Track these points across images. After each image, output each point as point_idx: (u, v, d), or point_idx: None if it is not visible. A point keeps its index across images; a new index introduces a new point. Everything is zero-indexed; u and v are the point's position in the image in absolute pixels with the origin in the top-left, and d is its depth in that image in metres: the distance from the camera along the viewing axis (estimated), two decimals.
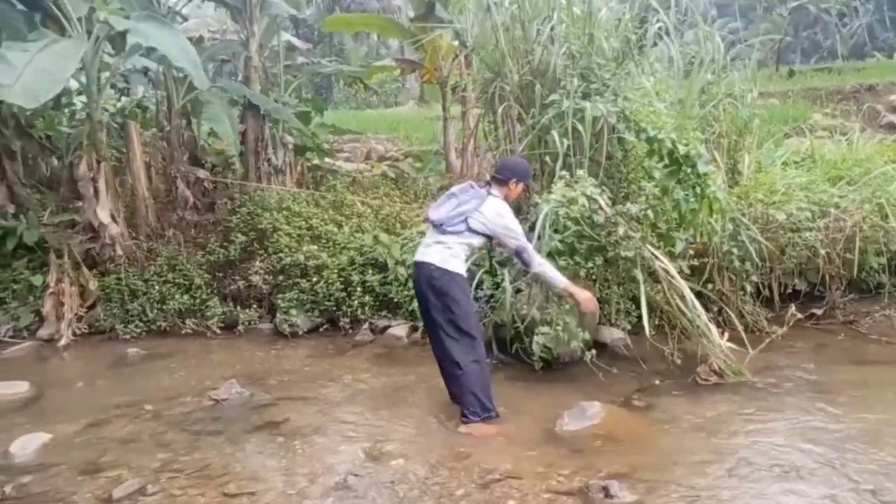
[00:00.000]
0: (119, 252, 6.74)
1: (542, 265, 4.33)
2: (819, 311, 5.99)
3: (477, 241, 4.33)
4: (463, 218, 4.24)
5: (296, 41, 9.50)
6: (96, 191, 6.73)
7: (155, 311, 6.48)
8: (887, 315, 5.91)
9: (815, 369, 4.99)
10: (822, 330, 5.81)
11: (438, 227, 4.28)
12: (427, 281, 4.22)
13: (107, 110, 8.28)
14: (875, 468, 3.53)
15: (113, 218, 6.79)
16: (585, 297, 4.41)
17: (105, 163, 6.80)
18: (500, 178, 4.41)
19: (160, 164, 7.60)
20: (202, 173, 7.42)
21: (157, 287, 6.54)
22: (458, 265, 4.24)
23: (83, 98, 6.96)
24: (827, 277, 6.01)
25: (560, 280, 4.37)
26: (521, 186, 4.50)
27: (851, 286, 6.16)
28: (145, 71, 8.13)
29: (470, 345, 4.21)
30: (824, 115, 11.87)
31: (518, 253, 4.30)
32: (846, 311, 6.02)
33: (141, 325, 6.46)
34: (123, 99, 9.18)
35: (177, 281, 6.63)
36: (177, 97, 7.35)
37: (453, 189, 4.41)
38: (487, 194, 4.33)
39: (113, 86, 8.91)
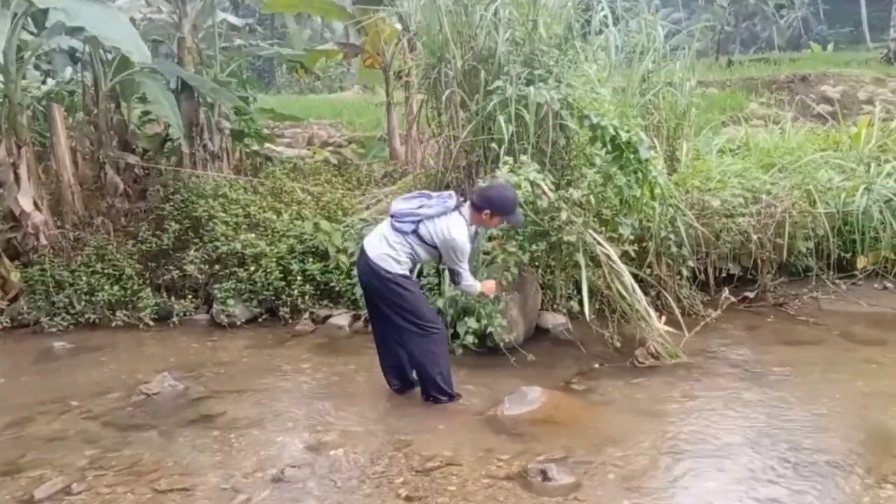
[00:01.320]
0: (43, 241, 6.42)
1: (469, 283, 4.31)
2: (751, 295, 6.18)
3: (423, 251, 4.18)
4: (415, 220, 4.13)
5: (233, 19, 9.20)
6: (17, 177, 6.39)
7: (83, 303, 6.21)
8: (814, 297, 6.15)
9: (747, 350, 5.15)
10: (753, 312, 5.99)
11: (392, 216, 4.19)
12: (370, 269, 4.15)
13: (30, 93, 7.87)
14: (801, 443, 3.67)
15: (36, 206, 6.47)
16: (488, 286, 4.49)
17: (27, 147, 6.46)
18: (475, 202, 4.18)
19: (88, 149, 7.28)
20: (133, 159, 7.13)
21: (84, 278, 6.26)
22: (397, 269, 4.14)
23: (1, 80, 6.57)
24: (759, 262, 6.20)
25: (475, 288, 4.38)
26: (496, 220, 4.24)
27: (781, 270, 6.37)
28: (72, 52, 7.76)
29: (424, 332, 4.17)
30: (760, 104, 12.22)
31: (452, 272, 4.30)
32: (776, 294, 6.22)
33: (68, 317, 6.18)
34: (49, 81, 8.74)
35: (106, 271, 6.36)
36: (105, 79, 7.03)
37: (433, 193, 4.31)
38: (454, 209, 4.16)
39: (36, 67, 8.50)
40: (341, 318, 5.99)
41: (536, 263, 5.49)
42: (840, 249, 6.37)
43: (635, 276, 5.20)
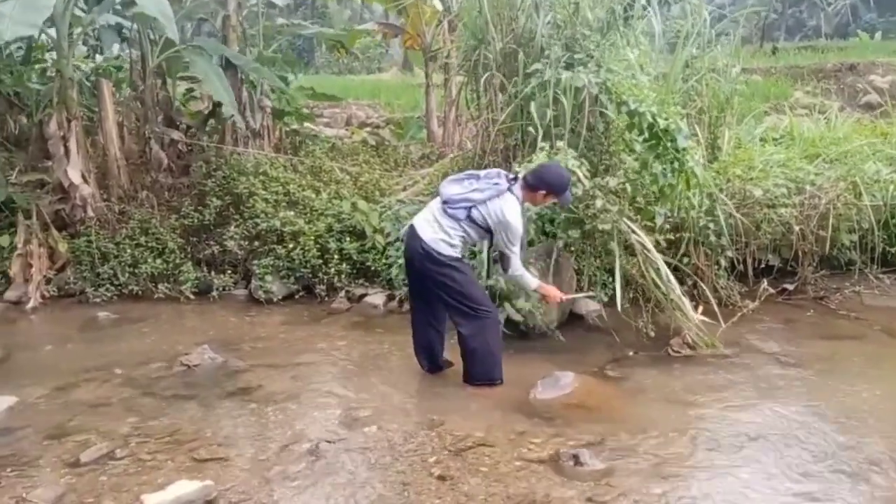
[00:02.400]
0: (90, 214, 6.59)
1: (518, 272, 4.23)
2: (791, 287, 6.07)
3: (475, 232, 4.19)
4: (468, 206, 4.12)
5: None
6: (67, 150, 6.56)
7: (126, 274, 6.37)
8: (856, 291, 6.02)
9: (784, 343, 5.07)
10: (792, 305, 5.89)
11: (444, 202, 4.18)
12: (424, 252, 4.15)
13: (79, 68, 8.04)
14: (836, 439, 3.62)
15: (84, 178, 6.63)
16: (551, 292, 4.41)
17: (76, 121, 6.61)
18: (530, 182, 4.16)
19: (134, 124, 7.42)
20: (177, 135, 7.25)
21: (128, 250, 6.42)
22: (451, 252, 4.15)
23: (53, 55, 6.73)
24: (800, 253, 6.08)
25: (532, 282, 4.33)
26: (550, 199, 4.27)
27: (823, 262, 6.25)
28: (119, 29, 7.89)
29: (477, 315, 4.19)
30: (805, 93, 11.92)
31: (503, 255, 4.22)
32: (817, 287, 6.11)
33: (112, 288, 6.35)
34: (97, 57, 8.91)
35: (149, 244, 6.51)
36: (151, 56, 7.15)
37: (480, 172, 4.27)
38: (507, 190, 4.12)
39: (85, 43, 8.66)
40: (376, 298, 6.05)
41: (571, 248, 5.47)
42: (885, 243, 6.23)
43: (671, 266, 5.15)
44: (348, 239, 6.28)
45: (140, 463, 3.47)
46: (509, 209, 4.07)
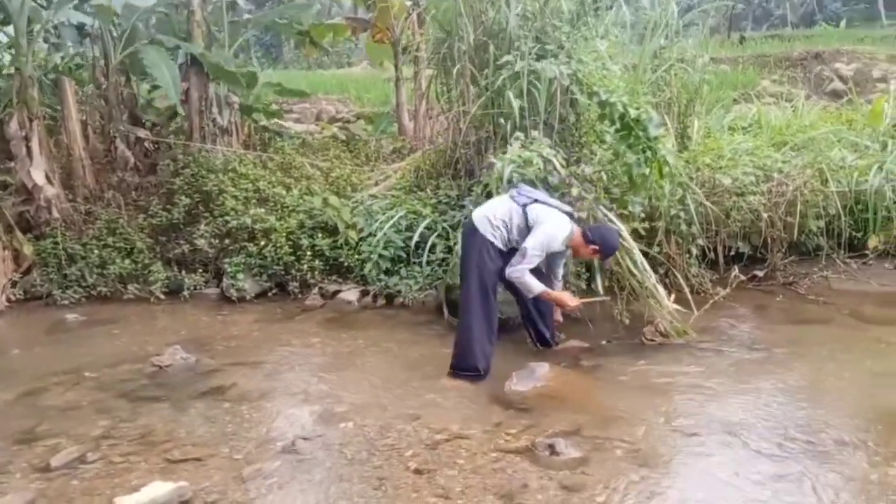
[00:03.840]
0: (55, 215, 6.46)
1: (518, 274, 4.24)
2: (761, 273, 6.17)
3: (517, 223, 4.31)
4: (533, 199, 4.34)
5: None
6: (29, 150, 6.42)
7: (94, 276, 6.26)
8: (824, 276, 6.14)
9: (756, 329, 5.15)
10: (763, 291, 5.98)
11: (516, 189, 4.45)
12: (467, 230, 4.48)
13: (40, 67, 7.85)
14: (807, 422, 3.68)
15: (48, 179, 6.50)
16: (563, 298, 4.44)
17: (38, 121, 6.47)
18: (589, 237, 4.32)
19: (98, 123, 7.27)
20: (143, 133, 7.13)
21: (96, 251, 6.30)
22: (490, 231, 4.34)
23: (12, 52, 6.56)
24: (769, 240, 6.18)
25: (536, 287, 4.29)
26: (594, 256, 4.42)
27: (791, 249, 6.35)
28: (80, 26, 7.72)
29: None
30: (772, 81, 12.09)
31: (518, 252, 4.24)
32: (786, 273, 6.22)
33: (80, 290, 6.24)
34: (56, 55, 8.71)
35: (117, 245, 6.40)
36: (114, 53, 7.00)
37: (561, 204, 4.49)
38: (570, 216, 4.38)
39: (45, 40, 8.46)
40: (350, 294, 6.01)
41: None
42: (851, 229, 6.35)
43: (645, 254, 5.19)
44: (320, 235, 6.23)
45: (112, 466, 3.42)
46: (556, 223, 4.27)
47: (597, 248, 4.31)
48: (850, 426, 3.62)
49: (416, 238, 5.84)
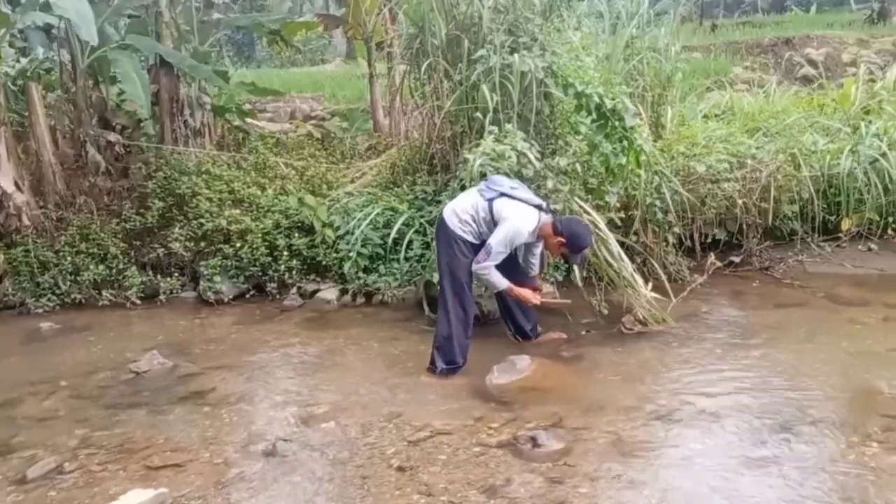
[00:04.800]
0: (26, 222, 6.33)
1: (485, 271, 4.20)
2: (737, 259, 6.22)
3: (484, 218, 4.27)
4: (500, 192, 4.27)
5: None
6: None
7: (68, 283, 6.16)
8: (799, 260, 6.21)
9: (733, 314, 5.21)
10: (739, 276, 6.04)
11: (486, 182, 4.40)
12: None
13: (7, 73, 7.69)
14: (787, 404, 3.73)
15: (17, 186, 6.37)
16: (525, 295, 4.40)
17: (4, 127, 6.34)
18: (557, 228, 4.25)
19: (67, 128, 7.13)
20: (113, 137, 7.00)
21: (69, 258, 6.19)
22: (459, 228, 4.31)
23: None
24: (744, 226, 6.23)
25: (501, 283, 4.28)
26: (562, 249, 4.31)
27: (767, 234, 6.41)
28: (48, 28, 7.56)
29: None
30: (744, 68, 12.18)
31: (484, 253, 4.19)
32: (762, 258, 6.28)
33: (54, 298, 6.14)
34: (23, 59, 8.53)
35: (91, 251, 6.29)
36: (82, 56, 6.87)
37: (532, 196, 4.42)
38: (537, 209, 4.28)
39: (11, 45, 8.29)
40: (329, 293, 5.97)
41: None
42: (825, 212, 6.42)
43: (622, 244, 5.22)
44: (297, 235, 6.17)
45: (90, 475, 3.38)
46: (522, 216, 4.20)
47: (563, 240, 4.23)
48: (828, 407, 3.68)
49: (393, 235, 5.81)
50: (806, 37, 13.09)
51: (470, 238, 4.29)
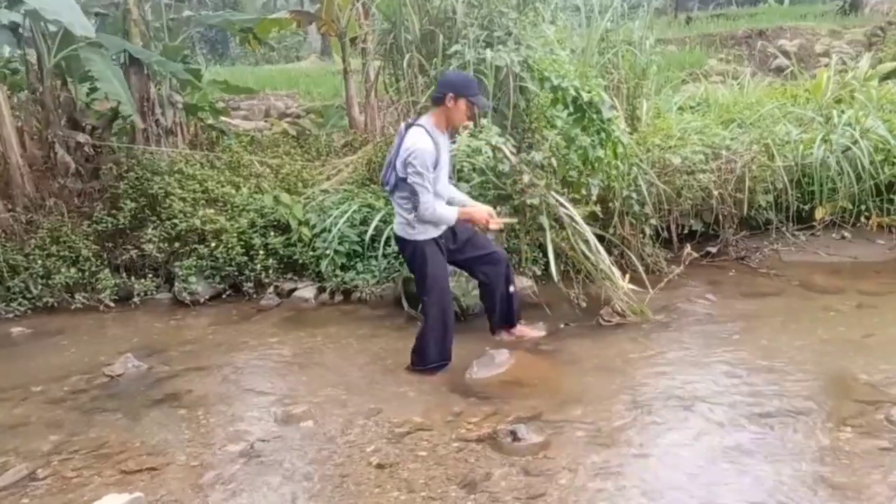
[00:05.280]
0: None
1: (430, 209, 3.94)
2: (714, 250, 6.26)
3: (410, 190, 3.95)
4: (391, 168, 3.98)
5: None
6: None
7: (39, 286, 6.04)
8: (775, 249, 6.27)
9: (711, 304, 5.23)
10: (716, 267, 6.08)
11: (384, 190, 4.15)
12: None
13: None
14: (763, 392, 3.75)
15: None
16: (480, 213, 4.19)
17: None
18: (435, 95, 3.91)
19: (35, 129, 6.99)
20: (83, 137, 6.87)
21: (39, 261, 6.07)
22: (406, 230, 4.12)
23: None
24: (720, 217, 6.28)
25: (451, 213, 4.09)
26: (462, 103, 3.92)
27: (742, 224, 6.47)
28: (14, 27, 7.40)
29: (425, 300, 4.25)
30: (719, 60, 12.30)
31: (413, 196, 3.94)
32: (738, 248, 6.33)
33: (25, 302, 6.01)
34: None
35: (62, 254, 6.17)
36: (49, 55, 6.74)
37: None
38: (407, 128, 3.95)
39: None
40: (306, 291, 5.92)
41: (501, 228, 5.47)
42: (799, 201, 6.50)
43: (599, 237, 5.22)
44: (273, 233, 6.11)
45: (64, 481, 3.32)
46: (412, 138, 3.87)
47: (453, 94, 3.88)
48: (804, 394, 3.71)
49: (370, 231, 5.77)
50: (779, 28, 13.25)
51: (420, 227, 4.08)
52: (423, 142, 3.87)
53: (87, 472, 3.38)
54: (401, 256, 4.50)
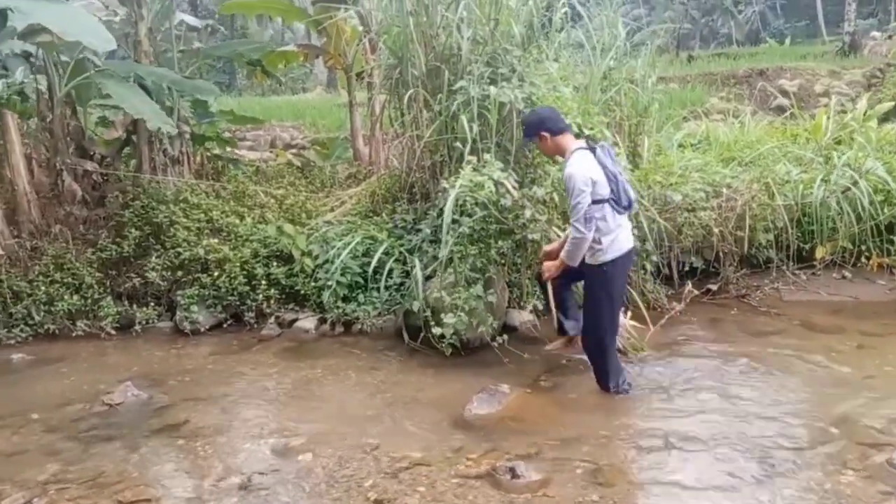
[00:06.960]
0: None
1: (580, 236, 4.02)
2: (714, 287, 6.27)
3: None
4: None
5: (191, 20, 9.04)
6: None
7: (42, 313, 6.05)
8: (775, 288, 6.28)
9: (711, 342, 5.22)
10: (717, 304, 6.08)
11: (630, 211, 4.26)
12: None
13: None
14: (764, 432, 3.73)
15: None
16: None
17: None
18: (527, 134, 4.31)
19: (43, 156, 7.07)
20: (90, 165, 6.95)
21: (43, 288, 6.09)
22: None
23: None
24: (721, 254, 6.31)
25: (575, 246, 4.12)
26: (548, 137, 4.22)
27: (743, 262, 6.49)
28: (27, 56, 7.53)
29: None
30: (720, 98, 12.45)
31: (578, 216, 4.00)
32: (739, 286, 6.34)
33: (27, 329, 6.02)
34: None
35: (65, 280, 6.20)
36: (60, 84, 6.85)
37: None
38: (580, 150, 4.16)
39: None
40: (307, 322, 5.92)
41: (502, 261, 5.51)
42: (799, 240, 6.53)
43: None
44: (276, 263, 6.14)
45: None
46: (569, 166, 4.10)
47: (535, 136, 4.28)
48: (805, 436, 3.69)
49: (373, 264, 5.80)
50: (780, 68, 13.44)
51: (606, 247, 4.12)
52: (576, 170, 4.06)
53: (83, 501, 3.36)
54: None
